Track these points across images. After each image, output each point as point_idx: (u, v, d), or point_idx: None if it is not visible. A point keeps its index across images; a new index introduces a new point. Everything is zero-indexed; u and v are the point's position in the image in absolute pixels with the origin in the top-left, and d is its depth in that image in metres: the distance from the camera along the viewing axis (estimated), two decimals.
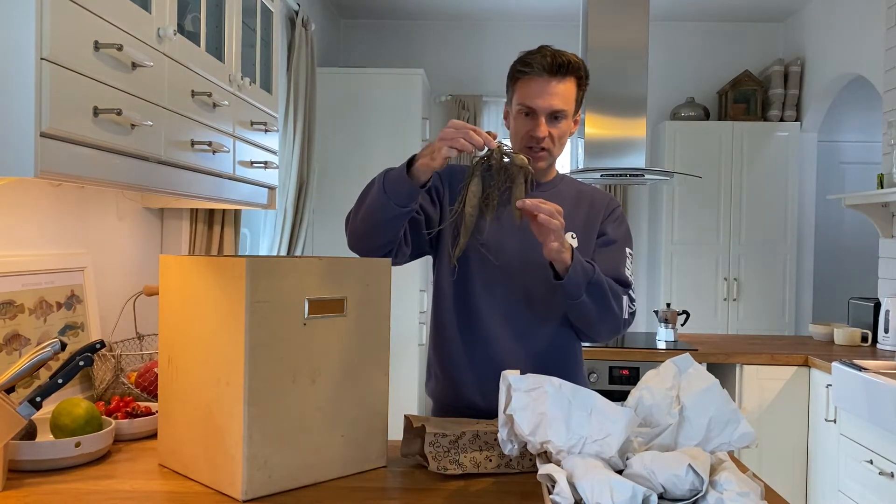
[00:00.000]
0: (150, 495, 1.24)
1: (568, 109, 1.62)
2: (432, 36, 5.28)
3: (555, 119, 1.62)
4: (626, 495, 1.02)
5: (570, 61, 1.60)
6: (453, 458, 1.35)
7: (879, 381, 2.53)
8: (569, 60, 1.60)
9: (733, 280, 4.81)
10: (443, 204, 1.69)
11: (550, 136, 1.62)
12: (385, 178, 1.50)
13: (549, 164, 1.70)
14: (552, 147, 1.64)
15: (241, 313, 1.20)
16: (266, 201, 2.28)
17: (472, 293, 1.67)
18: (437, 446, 1.35)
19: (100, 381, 1.76)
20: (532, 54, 1.62)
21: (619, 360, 3.23)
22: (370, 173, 1.66)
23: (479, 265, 1.66)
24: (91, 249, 1.95)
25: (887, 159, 3.62)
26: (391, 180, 1.49)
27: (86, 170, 1.28)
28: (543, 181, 1.73)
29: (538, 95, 1.60)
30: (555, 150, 1.65)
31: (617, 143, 3.65)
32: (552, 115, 1.61)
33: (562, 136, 1.64)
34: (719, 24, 5.20)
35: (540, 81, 1.60)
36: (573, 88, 1.62)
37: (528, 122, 1.63)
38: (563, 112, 1.61)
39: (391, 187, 1.48)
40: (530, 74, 1.61)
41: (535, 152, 1.64)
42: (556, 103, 1.60)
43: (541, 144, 1.63)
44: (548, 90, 1.60)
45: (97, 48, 1.25)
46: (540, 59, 1.60)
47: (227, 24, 1.87)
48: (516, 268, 1.64)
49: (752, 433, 1.18)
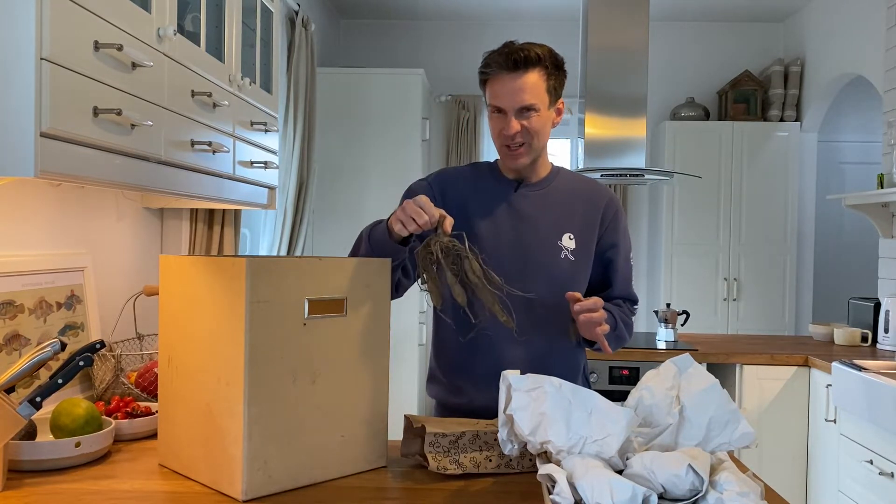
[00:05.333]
0: (150, 495, 1.24)
1: (537, 102, 1.58)
2: (432, 36, 5.28)
3: (525, 113, 1.59)
4: (626, 495, 1.02)
5: (528, 55, 1.56)
6: (453, 458, 1.35)
7: (879, 381, 2.53)
8: (527, 54, 1.56)
9: (733, 280, 4.81)
10: None
11: (525, 130, 1.60)
12: (370, 236, 1.53)
13: (534, 159, 1.66)
14: (530, 140, 1.61)
15: (241, 313, 1.20)
16: (266, 201, 2.28)
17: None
18: (437, 446, 1.35)
19: (100, 381, 1.76)
20: (492, 53, 1.60)
21: (619, 360, 3.23)
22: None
23: None
24: (91, 249, 1.95)
25: (887, 159, 3.62)
26: (376, 240, 1.51)
27: (86, 170, 1.28)
28: (535, 180, 1.71)
29: (503, 93, 1.59)
30: (534, 142, 1.62)
31: (617, 143, 3.65)
32: (521, 110, 1.58)
33: (538, 128, 1.61)
34: (719, 24, 5.20)
35: (503, 79, 1.58)
36: (540, 80, 1.58)
37: (500, 121, 1.62)
38: (532, 105, 1.58)
39: (377, 246, 1.51)
40: (493, 74, 1.59)
41: (512, 150, 1.63)
42: (522, 98, 1.57)
43: (515, 141, 1.61)
44: (511, 86, 1.57)
45: (97, 48, 1.25)
46: (497, 57, 1.58)
47: (227, 24, 1.87)
48: (514, 272, 1.63)
49: (752, 433, 1.18)
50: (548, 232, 1.66)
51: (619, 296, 1.76)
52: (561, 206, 1.69)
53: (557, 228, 1.67)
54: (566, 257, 1.66)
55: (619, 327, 1.69)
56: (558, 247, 1.66)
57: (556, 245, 1.66)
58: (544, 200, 1.69)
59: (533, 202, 1.68)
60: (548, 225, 1.67)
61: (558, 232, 1.67)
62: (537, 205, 1.68)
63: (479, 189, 1.70)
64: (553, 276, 1.65)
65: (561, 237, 1.67)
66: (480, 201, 1.68)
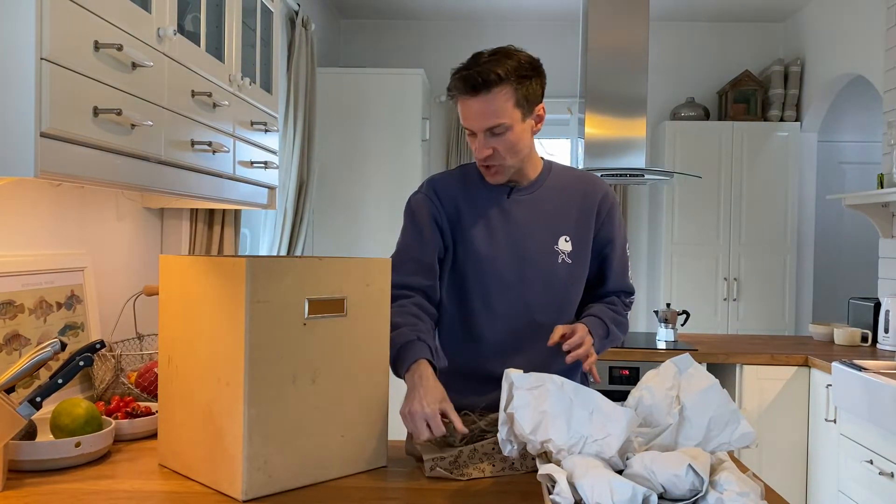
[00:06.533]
0: (150, 495, 1.24)
1: (504, 121, 1.51)
2: (432, 36, 5.28)
3: (495, 133, 1.53)
4: (626, 495, 1.02)
5: (487, 77, 1.48)
6: (459, 472, 1.36)
7: (879, 381, 2.53)
8: (485, 77, 1.49)
9: (733, 280, 4.81)
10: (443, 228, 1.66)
11: (497, 153, 1.56)
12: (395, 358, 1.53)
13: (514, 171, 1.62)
14: (502, 161, 1.57)
15: (241, 313, 1.20)
16: (266, 201, 2.28)
17: (472, 310, 1.66)
18: (440, 468, 1.35)
19: (100, 381, 1.76)
20: (455, 72, 1.55)
21: (619, 360, 3.23)
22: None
23: (475, 281, 1.65)
24: (91, 249, 1.95)
25: (887, 159, 3.62)
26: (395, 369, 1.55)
27: (86, 170, 1.28)
28: (525, 183, 1.67)
29: (469, 116, 1.54)
30: (507, 161, 1.57)
31: (617, 143, 3.65)
32: (490, 130, 1.53)
33: (511, 145, 1.55)
34: (719, 24, 5.19)
35: (467, 102, 1.53)
36: (505, 97, 1.50)
37: (474, 142, 1.58)
38: (499, 125, 1.52)
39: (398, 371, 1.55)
40: (457, 96, 1.55)
41: (489, 171, 1.61)
42: (488, 121, 1.51)
43: (487, 163, 1.58)
44: (476, 109, 1.52)
45: (97, 48, 1.25)
46: (458, 81, 1.53)
47: (227, 24, 1.87)
48: (512, 280, 1.63)
49: (752, 433, 1.18)
50: (544, 238, 1.65)
51: (614, 290, 1.75)
52: (555, 208, 1.67)
53: (553, 233, 1.65)
54: (563, 262, 1.65)
55: (612, 331, 1.68)
56: (555, 252, 1.65)
57: (553, 250, 1.65)
58: (538, 204, 1.66)
59: (527, 207, 1.66)
60: (543, 230, 1.65)
61: (554, 236, 1.65)
62: (531, 210, 1.66)
63: (472, 196, 1.66)
64: (551, 283, 1.64)
65: (557, 241, 1.65)
66: (474, 210, 1.65)
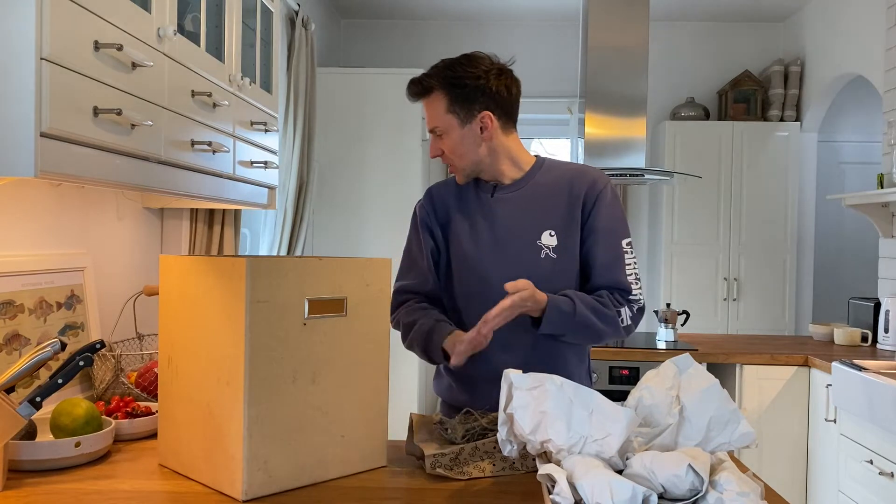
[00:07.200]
0: (150, 495, 1.24)
1: (440, 125, 1.64)
2: (432, 36, 5.28)
3: (438, 136, 1.67)
4: (626, 495, 1.02)
5: (417, 87, 1.64)
6: (458, 470, 1.36)
7: (879, 381, 2.53)
8: (416, 87, 1.64)
9: (733, 280, 4.81)
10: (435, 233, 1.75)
11: (444, 153, 1.68)
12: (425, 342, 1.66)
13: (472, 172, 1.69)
14: (451, 160, 1.68)
15: (241, 313, 1.20)
16: (266, 201, 2.28)
17: (461, 308, 1.72)
18: (440, 465, 1.36)
19: (100, 381, 1.76)
20: None
21: (619, 360, 3.23)
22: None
23: (462, 280, 1.71)
24: (91, 249, 1.95)
25: (887, 159, 3.62)
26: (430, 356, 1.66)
27: (86, 170, 1.28)
28: (507, 182, 1.69)
29: None
30: (455, 161, 1.68)
31: (617, 143, 3.65)
32: (432, 133, 1.67)
33: (452, 148, 1.66)
34: (719, 24, 5.20)
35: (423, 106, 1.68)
36: (438, 104, 1.63)
37: None
38: (437, 128, 1.65)
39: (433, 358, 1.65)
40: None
41: (451, 170, 1.73)
42: (429, 124, 1.67)
43: (444, 162, 1.72)
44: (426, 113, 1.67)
45: (97, 48, 1.25)
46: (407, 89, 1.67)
47: (227, 24, 1.87)
48: (494, 278, 1.62)
49: (752, 433, 1.18)
50: (525, 232, 1.65)
51: (604, 285, 1.65)
52: (540, 203, 1.66)
53: (536, 227, 1.65)
54: (547, 256, 1.64)
55: (586, 317, 1.57)
56: (538, 246, 1.64)
57: (536, 245, 1.64)
58: (521, 200, 1.67)
59: (510, 205, 1.68)
60: (525, 225, 1.65)
61: (537, 230, 1.64)
62: (514, 206, 1.67)
63: (462, 199, 1.74)
64: (536, 277, 1.61)
65: (540, 236, 1.64)
66: (462, 212, 1.72)
